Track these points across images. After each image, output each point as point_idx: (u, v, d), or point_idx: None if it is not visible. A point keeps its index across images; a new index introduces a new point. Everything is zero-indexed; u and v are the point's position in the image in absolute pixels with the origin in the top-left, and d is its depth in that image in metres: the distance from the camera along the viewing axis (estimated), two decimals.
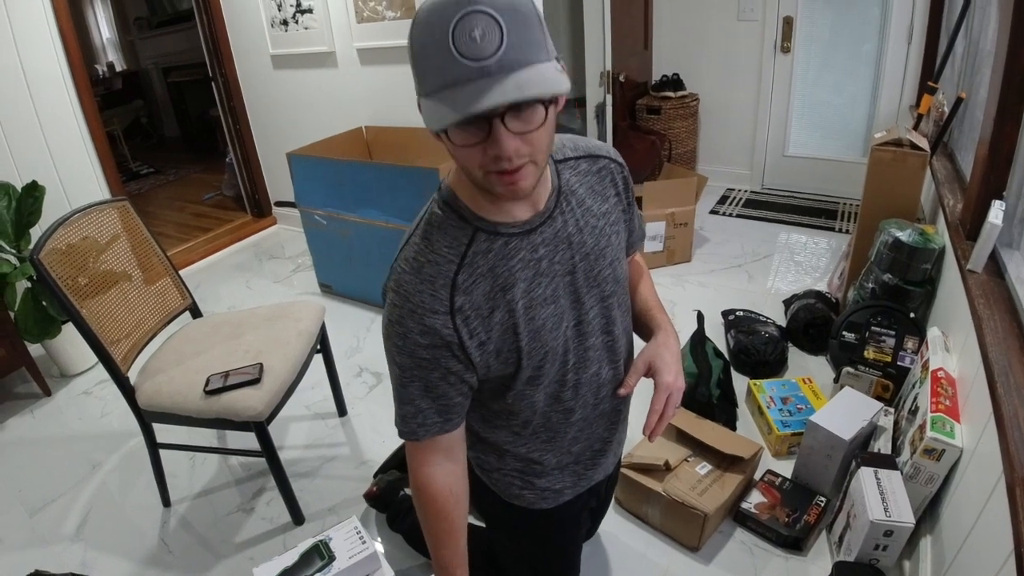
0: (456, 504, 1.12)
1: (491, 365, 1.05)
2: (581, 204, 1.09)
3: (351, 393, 2.68)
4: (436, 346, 0.99)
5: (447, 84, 0.77)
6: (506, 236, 1.00)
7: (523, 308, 1.02)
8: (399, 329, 0.99)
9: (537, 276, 1.03)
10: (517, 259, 1.01)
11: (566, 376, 1.14)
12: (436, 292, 0.97)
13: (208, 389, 1.87)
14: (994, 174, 1.81)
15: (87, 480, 2.38)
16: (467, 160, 0.86)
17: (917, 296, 2.36)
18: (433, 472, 1.10)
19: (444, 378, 1.03)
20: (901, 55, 3.85)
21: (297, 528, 2.07)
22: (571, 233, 1.06)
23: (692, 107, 4.53)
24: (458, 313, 0.98)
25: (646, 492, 1.91)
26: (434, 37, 0.77)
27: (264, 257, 4.33)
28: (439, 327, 0.98)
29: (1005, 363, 1.37)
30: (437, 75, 0.78)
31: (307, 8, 3.71)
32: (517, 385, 1.10)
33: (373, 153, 3.87)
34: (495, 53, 0.76)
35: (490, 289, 1.00)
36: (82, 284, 1.96)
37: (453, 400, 1.06)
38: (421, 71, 0.81)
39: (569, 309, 1.09)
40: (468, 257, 0.99)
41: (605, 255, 1.11)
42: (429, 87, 0.80)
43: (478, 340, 1.01)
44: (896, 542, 1.58)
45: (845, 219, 4.02)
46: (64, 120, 3.31)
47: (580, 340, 1.13)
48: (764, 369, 2.55)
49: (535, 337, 1.04)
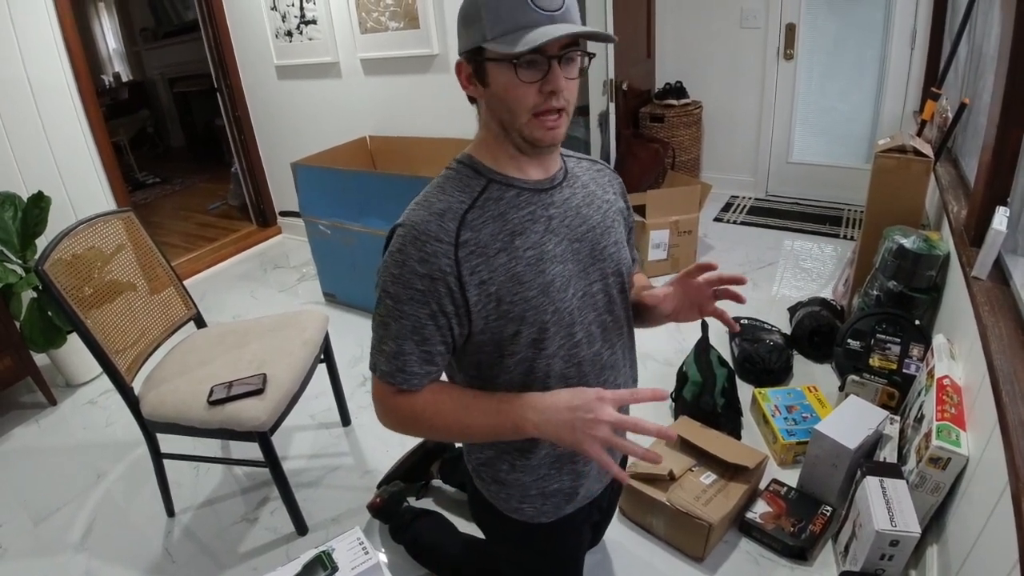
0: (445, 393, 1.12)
1: (489, 316, 1.05)
2: (585, 187, 1.18)
3: (355, 402, 2.67)
4: (433, 277, 1.00)
5: (520, 27, 0.93)
6: (519, 188, 1.08)
7: (533, 259, 1.05)
8: (398, 257, 1.02)
9: (548, 232, 1.08)
10: (527, 211, 1.07)
11: (572, 350, 1.14)
12: (444, 224, 1.02)
13: (212, 399, 1.87)
14: (998, 180, 1.81)
15: (92, 489, 2.38)
16: (522, 99, 0.98)
17: (922, 303, 2.34)
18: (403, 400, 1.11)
19: (434, 318, 1.03)
20: (904, 61, 3.85)
21: (300, 538, 2.07)
22: (579, 205, 1.14)
23: (695, 115, 4.53)
24: (462, 247, 1.01)
25: (650, 502, 1.90)
26: None
27: (269, 266, 4.34)
28: (440, 255, 1.00)
29: (1010, 370, 1.36)
30: (510, 19, 0.93)
31: (311, 19, 3.73)
32: (519, 348, 1.09)
33: (377, 163, 3.89)
34: (559, 8, 0.94)
35: (499, 231, 1.04)
36: (87, 294, 1.97)
37: (436, 348, 1.07)
38: (493, 16, 0.94)
39: (576, 276, 1.12)
40: (480, 200, 1.06)
41: (610, 233, 1.18)
42: (500, 30, 0.94)
43: (479, 278, 1.02)
44: (902, 552, 1.57)
45: (850, 226, 4.01)
46: (70, 131, 3.33)
47: (584, 312, 1.15)
48: (769, 377, 2.54)
49: (544, 292, 1.06)
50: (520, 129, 1.01)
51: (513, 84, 0.96)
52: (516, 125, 1.01)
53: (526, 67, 0.95)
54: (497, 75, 0.98)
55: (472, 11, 0.97)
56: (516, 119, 1.00)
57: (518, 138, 1.03)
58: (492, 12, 0.94)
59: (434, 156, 3.48)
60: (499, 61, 0.96)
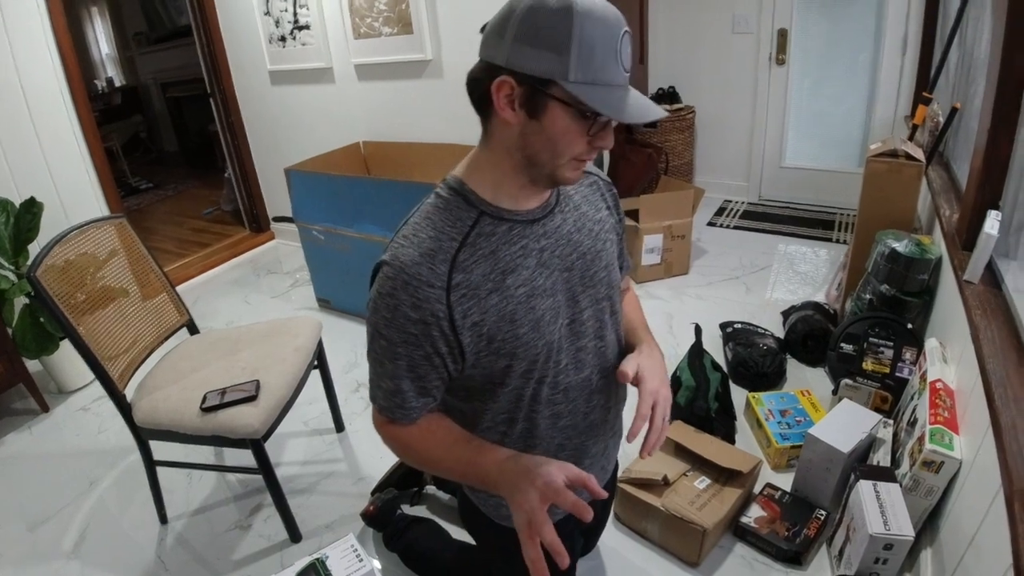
0: (436, 427, 1.12)
1: (481, 352, 1.04)
2: (577, 208, 1.15)
3: (349, 409, 2.67)
4: (426, 322, 0.98)
5: (603, 82, 0.89)
6: (511, 222, 1.04)
7: (524, 296, 1.03)
8: (390, 301, 0.99)
9: (539, 266, 1.05)
10: (519, 246, 1.04)
11: (558, 377, 1.13)
12: (435, 267, 0.98)
13: (204, 406, 1.86)
14: (989, 184, 1.81)
15: (85, 496, 2.37)
16: (573, 147, 0.95)
17: (914, 307, 2.35)
18: (400, 431, 1.11)
19: (428, 359, 1.02)
20: (896, 66, 3.87)
21: (294, 545, 2.06)
22: (570, 231, 1.11)
23: (688, 120, 4.54)
24: (454, 290, 0.98)
25: (645, 507, 1.90)
26: (608, 37, 0.88)
27: (262, 272, 4.33)
28: (432, 301, 0.97)
29: (1002, 374, 1.37)
30: (602, 69, 0.88)
31: (304, 24, 3.73)
32: (510, 380, 1.09)
33: (371, 168, 3.89)
34: (630, 70, 0.92)
35: (490, 271, 1.01)
36: (80, 300, 1.96)
37: (432, 383, 1.06)
38: (586, 58, 0.87)
39: (565, 306, 1.10)
40: (471, 237, 1.01)
41: (601, 258, 1.15)
42: (589, 76, 0.88)
43: (471, 320, 1.00)
44: (896, 555, 1.57)
45: (843, 230, 4.02)
46: (62, 136, 3.32)
47: (573, 340, 1.14)
48: (762, 381, 2.54)
49: (535, 327, 1.05)
50: (555, 169, 0.97)
51: (575, 132, 0.93)
52: (552, 165, 0.97)
53: (598, 124, 0.93)
54: (558, 116, 0.91)
55: (558, 37, 0.87)
56: (556, 160, 0.96)
57: (545, 175, 0.99)
58: (586, 52, 0.87)
59: (428, 161, 3.49)
60: (569, 105, 0.90)
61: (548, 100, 0.90)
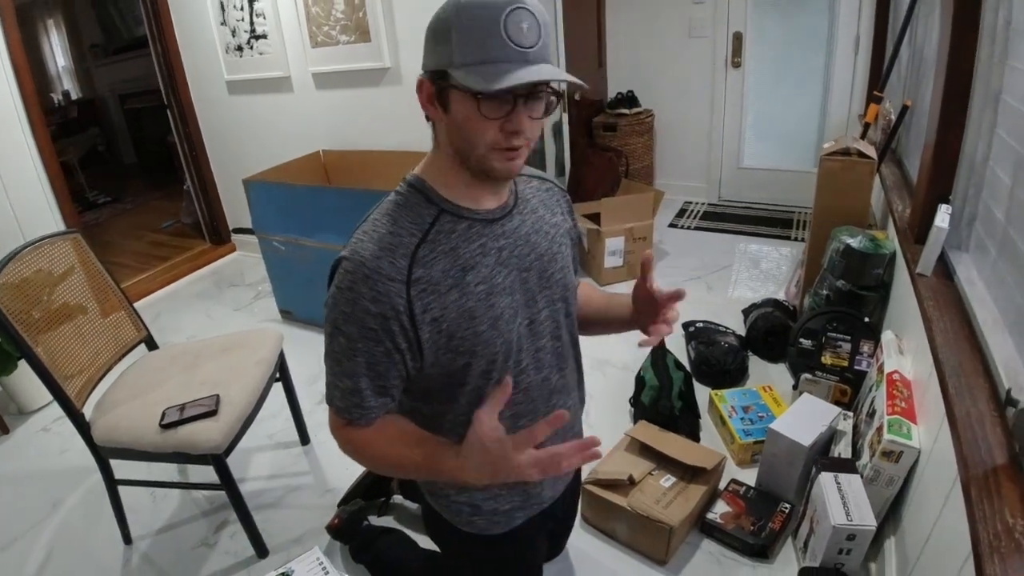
0: (392, 427, 1.12)
1: (440, 350, 1.04)
2: (535, 212, 1.16)
3: (313, 420, 2.63)
4: (386, 316, 0.98)
5: (491, 60, 0.88)
6: (470, 220, 1.05)
7: (484, 293, 1.04)
8: (349, 295, 0.99)
9: (498, 264, 1.06)
10: (479, 244, 1.05)
11: (518, 377, 1.13)
12: (395, 260, 0.98)
13: (164, 423, 1.83)
14: (939, 179, 1.86)
15: (48, 519, 2.31)
16: (481, 133, 0.94)
17: (871, 301, 2.40)
18: (356, 433, 1.11)
19: (388, 355, 1.02)
20: (849, 65, 3.95)
21: (262, 560, 2.03)
22: (528, 232, 1.12)
23: (647, 123, 4.59)
24: (414, 284, 0.99)
25: (612, 508, 1.91)
26: (486, 18, 0.87)
27: (224, 285, 4.28)
28: (392, 295, 0.97)
29: (956, 363, 1.40)
30: (482, 49, 0.88)
31: (261, 34, 3.70)
32: (470, 379, 1.09)
33: (331, 177, 3.86)
34: (534, 45, 0.89)
35: (450, 267, 1.02)
36: (36, 318, 1.92)
37: (391, 382, 1.06)
38: (464, 41, 0.89)
39: (523, 306, 1.11)
40: (432, 233, 1.02)
41: (556, 260, 1.17)
42: (469, 58, 0.89)
43: (431, 316, 1.00)
44: (860, 545, 1.60)
45: (801, 228, 4.09)
46: (17, 152, 3.25)
47: (533, 340, 1.15)
48: (725, 379, 2.57)
49: (494, 325, 1.05)
50: (478, 160, 0.97)
51: (475, 117, 0.92)
52: (473, 155, 0.97)
53: (490, 103, 0.90)
54: (459, 104, 0.93)
55: (442, 29, 0.91)
56: (474, 150, 0.96)
57: (474, 167, 0.99)
58: (463, 36, 0.89)
59: (388, 169, 3.45)
60: (462, 90, 0.91)
61: (449, 90, 0.93)
